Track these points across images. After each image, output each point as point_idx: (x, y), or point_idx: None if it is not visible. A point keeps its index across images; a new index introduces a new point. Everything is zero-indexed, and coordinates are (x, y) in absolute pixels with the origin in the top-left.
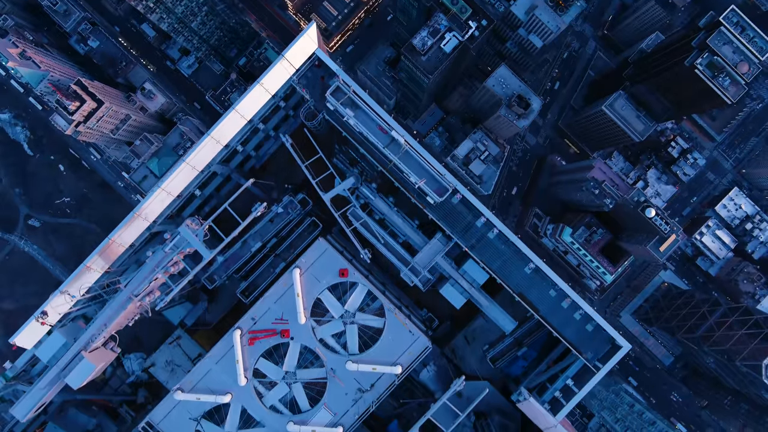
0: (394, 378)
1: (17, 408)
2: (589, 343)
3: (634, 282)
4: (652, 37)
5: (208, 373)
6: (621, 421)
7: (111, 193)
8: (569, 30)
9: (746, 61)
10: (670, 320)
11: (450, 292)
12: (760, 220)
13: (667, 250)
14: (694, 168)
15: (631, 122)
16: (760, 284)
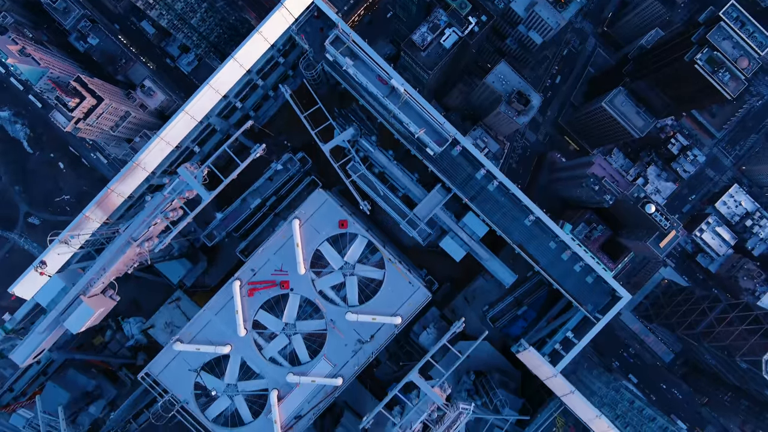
0: (394, 329)
1: (16, 353)
2: (589, 295)
3: (634, 279)
4: (651, 33)
5: (208, 325)
6: (621, 417)
7: None
8: (569, 27)
9: (746, 57)
10: (670, 317)
11: (450, 244)
12: (760, 216)
13: (667, 246)
14: (693, 165)
15: (630, 118)
16: (760, 281)
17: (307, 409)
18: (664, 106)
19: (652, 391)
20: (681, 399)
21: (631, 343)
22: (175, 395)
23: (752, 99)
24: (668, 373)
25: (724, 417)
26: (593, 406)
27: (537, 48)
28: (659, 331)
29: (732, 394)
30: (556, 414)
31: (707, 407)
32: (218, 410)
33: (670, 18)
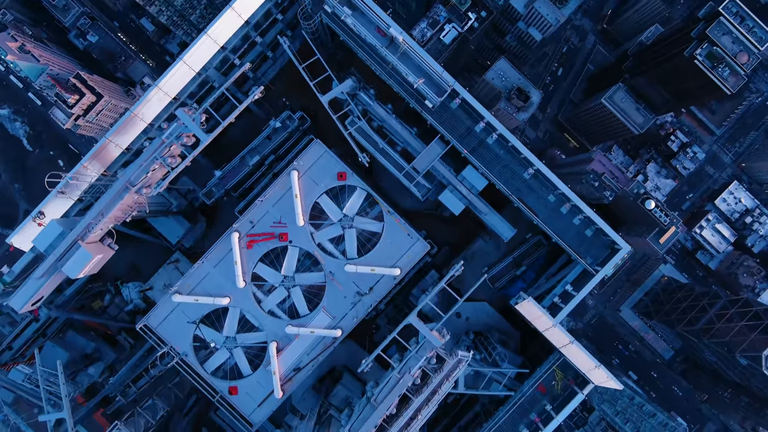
0: (393, 281)
1: (14, 298)
2: (589, 248)
3: (633, 276)
4: (651, 30)
5: (206, 277)
6: (621, 413)
7: None
8: (568, 24)
9: (746, 52)
10: (670, 313)
11: (449, 198)
12: (760, 213)
13: (667, 242)
14: (693, 162)
15: (630, 115)
16: (760, 278)
17: (306, 361)
18: (663, 103)
19: (651, 388)
20: (681, 396)
21: (631, 340)
22: (173, 348)
23: (752, 96)
24: (668, 370)
25: (724, 414)
26: (592, 356)
27: (536, 45)
28: (659, 328)
29: (732, 391)
30: (555, 366)
31: (707, 404)
32: (217, 363)
33: (670, 14)
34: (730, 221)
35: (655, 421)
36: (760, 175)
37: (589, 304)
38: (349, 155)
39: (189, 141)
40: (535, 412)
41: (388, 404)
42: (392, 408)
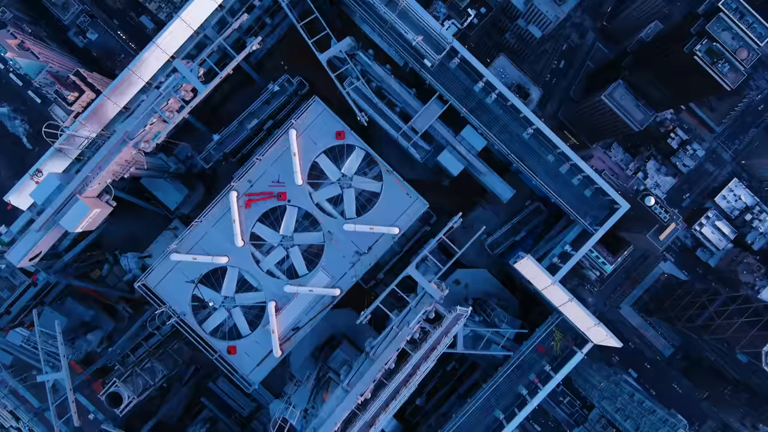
0: (392, 241)
1: (12, 252)
2: (588, 208)
3: (633, 274)
4: (651, 27)
5: (205, 236)
6: (621, 410)
7: None
8: (568, 21)
9: (745, 48)
10: (669, 310)
11: (448, 159)
12: (760, 210)
13: (667, 239)
14: (693, 159)
15: (630, 111)
16: (760, 275)
17: (305, 321)
18: (663, 99)
19: (651, 386)
20: (681, 393)
21: (631, 338)
22: (172, 307)
23: (751, 93)
24: (668, 367)
25: (724, 411)
26: (591, 314)
27: (536, 42)
28: (659, 325)
29: (732, 388)
30: (553, 326)
31: (707, 401)
32: (216, 323)
33: (670, 11)
34: (730, 218)
35: (655, 418)
36: (760, 172)
37: (589, 302)
38: (348, 121)
39: (187, 96)
40: (534, 373)
41: (387, 357)
42: (391, 362)
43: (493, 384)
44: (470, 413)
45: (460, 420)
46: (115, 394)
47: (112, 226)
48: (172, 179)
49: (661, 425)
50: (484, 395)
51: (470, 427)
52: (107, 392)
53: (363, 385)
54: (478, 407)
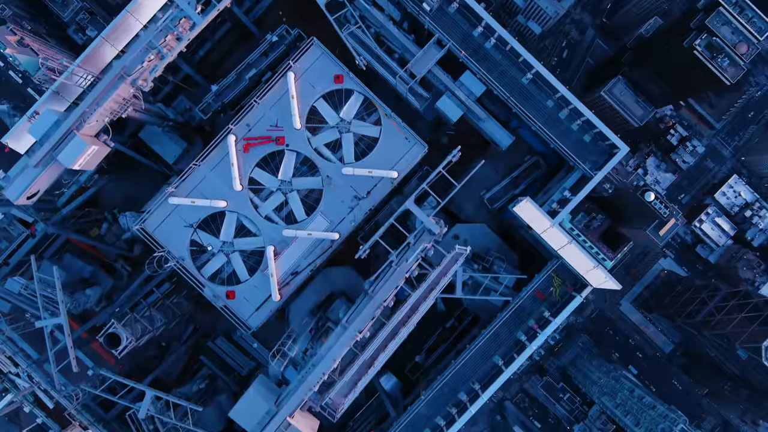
0: (390, 185)
1: (9, 188)
2: (588, 153)
3: (633, 270)
4: (650, 22)
5: (203, 180)
6: (621, 406)
7: None
8: (568, 17)
9: (745, 42)
10: (669, 307)
11: (446, 104)
12: (760, 207)
13: (667, 234)
14: (693, 156)
15: (630, 107)
16: (760, 271)
17: (304, 266)
18: (663, 95)
19: (652, 383)
20: (681, 390)
21: (631, 335)
22: (170, 252)
23: (751, 89)
24: (668, 363)
25: (724, 408)
26: (590, 257)
27: (536, 38)
28: (659, 321)
29: (732, 384)
30: (552, 271)
31: (707, 398)
32: (214, 268)
33: (669, 7)
34: (730, 215)
35: (655, 413)
36: (759, 168)
37: (589, 298)
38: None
39: (185, 32)
40: (533, 319)
41: (385, 294)
42: (390, 300)
43: (492, 329)
44: (469, 359)
45: (459, 366)
46: (114, 335)
47: (111, 183)
48: (170, 132)
49: (662, 420)
50: (483, 341)
51: (469, 373)
52: (105, 333)
53: (361, 321)
54: (477, 354)
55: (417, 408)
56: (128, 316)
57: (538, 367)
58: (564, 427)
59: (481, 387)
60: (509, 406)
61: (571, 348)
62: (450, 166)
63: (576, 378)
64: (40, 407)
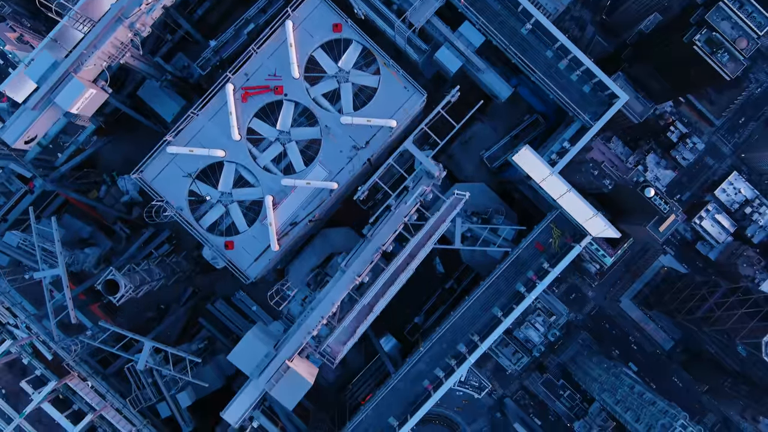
0: (389, 135)
1: (6, 131)
2: (587, 104)
3: (633, 267)
4: (650, 18)
5: (201, 130)
6: (621, 402)
7: None
8: (567, 14)
9: (745, 37)
10: (669, 303)
11: (445, 55)
12: (760, 204)
13: (667, 231)
14: (693, 152)
15: (629, 104)
16: (760, 268)
17: (303, 216)
18: (663, 91)
19: (652, 379)
20: (681, 387)
21: (631, 332)
22: (169, 201)
23: (751, 86)
24: (668, 360)
25: (724, 405)
26: (590, 205)
27: None
28: (659, 318)
29: (732, 380)
30: (552, 221)
31: (707, 395)
32: (212, 219)
33: (669, 3)
34: (730, 212)
35: (655, 409)
36: (759, 165)
37: (589, 296)
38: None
39: None
40: (532, 270)
41: (384, 237)
42: (388, 244)
43: (491, 280)
44: (468, 311)
45: (458, 317)
46: (112, 281)
47: (110, 145)
48: (169, 88)
49: (662, 416)
50: (482, 292)
51: (468, 325)
52: (104, 280)
53: (360, 264)
54: (476, 306)
55: (416, 359)
56: (127, 266)
57: (538, 364)
58: (564, 424)
59: (480, 338)
60: (509, 403)
61: (571, 345)
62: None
63: (576, 375)
64: (38, 359)
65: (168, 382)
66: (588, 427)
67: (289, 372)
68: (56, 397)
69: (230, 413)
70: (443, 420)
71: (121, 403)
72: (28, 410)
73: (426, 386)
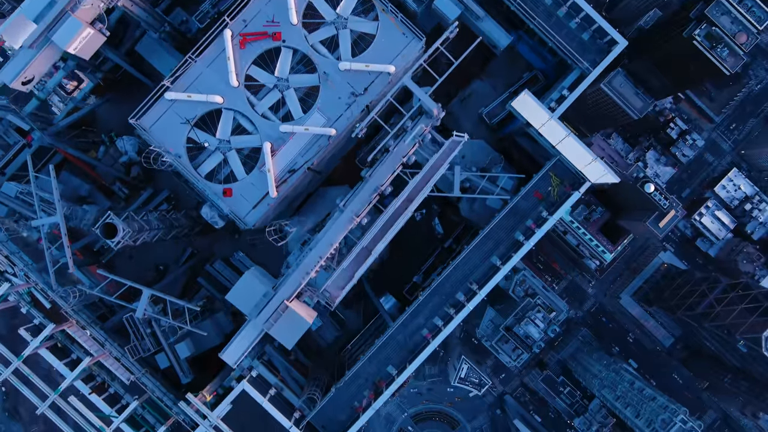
0: (387, 81)
1: (4, 71)
2: (586, 52)
3: (633, 264)
4: (650, 14)
5: (200, 77)
6: (621, 398)
7: None
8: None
9: (744, 32)
10: (670, 299)
11: (444, 3)
12: (759, 200)
13: (667, 226)
14: (693, 149)
15: (629, 99)
16: (760, 264)
17: (301, 163)
18: (662, 87)
19: (652, 376)
20: (681, 384)
21: (631, 328)
22: (167, 149)
23: (751, 83)
24: (668, 357)
25: (724, 401)
26: (589, 150)
27: None
28: (659, 315)
29: (732, 376)
30: (551, 169)
31: (707, 391)
32: (211, 166)
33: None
34: (730, 208)
35: (655, 405)
36: (759, 161)
37: (589, 293)
38: None
39: None
40: (531, 219)
41: (382, 177)
42: (387, 185)
43: (490, 228)
44: (468, 261)
45: (455, 265)
46: (110, 225)
47: (108, 105)
48: (167, 41)
49: (662, 411)
50: (481, 240)
51: (466, 275)
52: (102, 223)
53: (358, 204)
54: (474, 256)
55: (416, 307)
56: (125, 213)
57: (538, 360)
58: (564, 420)
59: (478, 287)
60: (509, 400)
61: (571, 342)
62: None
63: (576, 371)
64: (37, 308)
65: (166, 331)
66: (588, 424)
67: (288, 312)
68: (55, 345)
69: (229, 353)
70: (444, 417)
71: (119, 352)
72: (26, 353)
73: (425, 335)
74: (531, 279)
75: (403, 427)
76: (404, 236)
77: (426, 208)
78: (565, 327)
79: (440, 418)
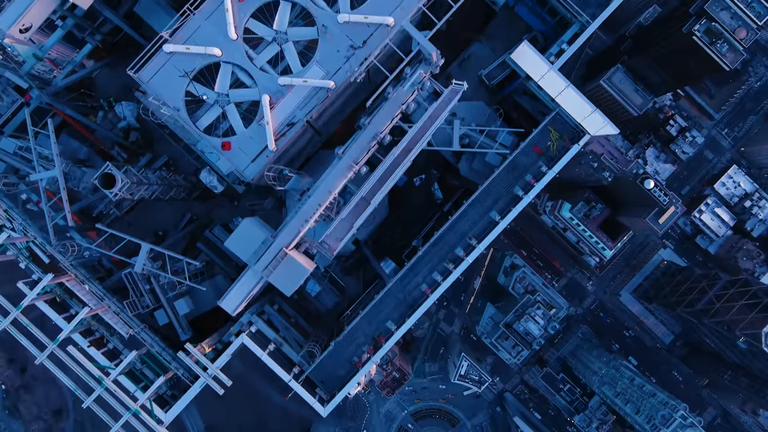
0: (386, 34)
1: (1, 18)
2: (585, 6)
3: (633, 261)
4: (649, 11)
5: (198, 30)
6: (621, 394)
7: None
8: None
9: (744, 27)
10: (669, 296)
11: None
12: (759, 197)
13: (666, 222)
14: (692, 146)
15: (629, 96)
16: (760, 261)
17: (300, 116)
18: (662, 83)
19: (652, 373)
20: (681, 381)
21: (631, 325)
22: (166, 101)
23: (751, 80)
24: (668, 354)
25: (724, 398)
26: (588, 101)
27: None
28: (659, 311)
29: (732, 373)
30: (550, 123)
31: (707, 388)
32: (209, 120)
33: None
34: (730, 205)
35: (655, 401)
36: (759, 158)
37: (589, 290)
38: None
39: None
40: (530, 174)
41: (381, 125)
42: (385, 133)
43: (490, 181)
44: (467, 216)
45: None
46: (109, 175)
47: (107, 71)
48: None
49: (662, 407)
50: (479, 195)
51: (466, 230)
52: (101, 174)
53: (356, 151)
54: (473, 210)
55: (415, 261)
56: (124, 167)
57: (538, 358)
58: (564, 417)
59: (477, 241)
60: (509, 397)
61: (570, 339)
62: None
63: (576, 368)
64: (35, 263)
65: (165, 287)
66: (588, 421)
67: (287, 259)
68: (53, 300)
69: (228, 301)
70: (444, 415)
71: (118, 307)
72: (24, 303)
73: (424, 290)
74: (531, 276)
75: (403, 424)
76: (404, 201)
77: (425, 173)
78: (564, 324)
79: (440, 415)
